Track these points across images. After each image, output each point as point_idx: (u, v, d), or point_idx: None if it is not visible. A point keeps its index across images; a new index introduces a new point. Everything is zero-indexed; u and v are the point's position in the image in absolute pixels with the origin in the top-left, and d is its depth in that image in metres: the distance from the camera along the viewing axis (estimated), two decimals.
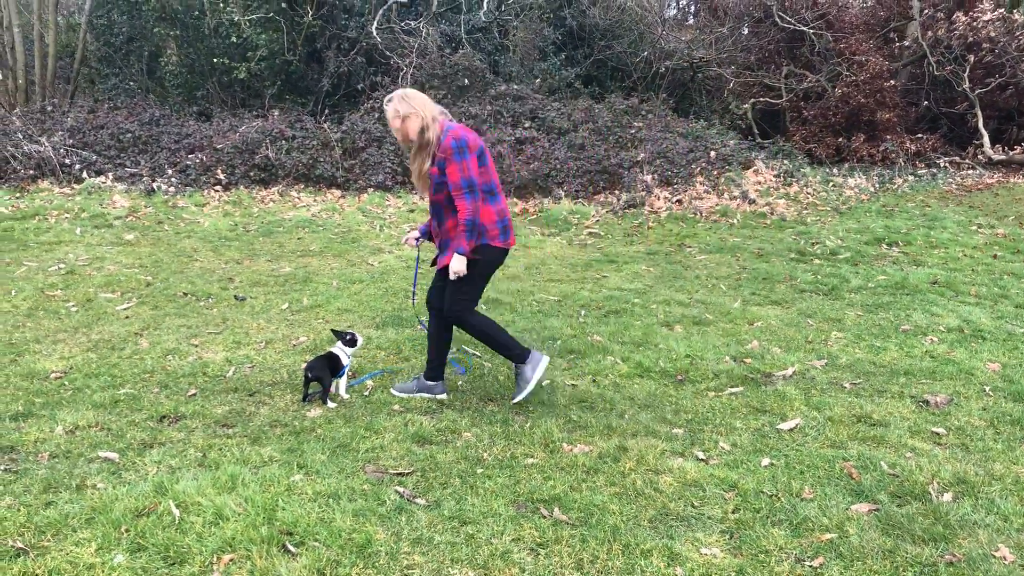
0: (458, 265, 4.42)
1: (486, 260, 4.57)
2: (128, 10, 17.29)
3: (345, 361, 4.83)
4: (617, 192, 12.83)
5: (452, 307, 4.64)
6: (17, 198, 11.62)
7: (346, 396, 4.84)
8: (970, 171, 16.00)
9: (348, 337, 4.92)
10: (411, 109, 4.39)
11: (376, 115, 14.39)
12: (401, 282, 7.95)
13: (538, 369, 4.66)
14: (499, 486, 3.65)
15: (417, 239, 4.92)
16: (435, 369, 4.89)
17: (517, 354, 4.68)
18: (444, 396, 4.86)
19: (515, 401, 4.69)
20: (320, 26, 15.92)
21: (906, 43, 17.69)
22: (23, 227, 10.21)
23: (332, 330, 5.14)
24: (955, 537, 3.26)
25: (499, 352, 4.74)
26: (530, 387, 4.65)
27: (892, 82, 16.86)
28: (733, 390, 5.01)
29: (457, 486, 3.66)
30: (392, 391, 4.90)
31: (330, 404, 4.67)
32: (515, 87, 15.60)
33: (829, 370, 5.40)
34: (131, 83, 18.01)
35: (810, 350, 5.85)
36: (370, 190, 12.96)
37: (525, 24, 18.69)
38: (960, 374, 5.30)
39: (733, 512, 3.46)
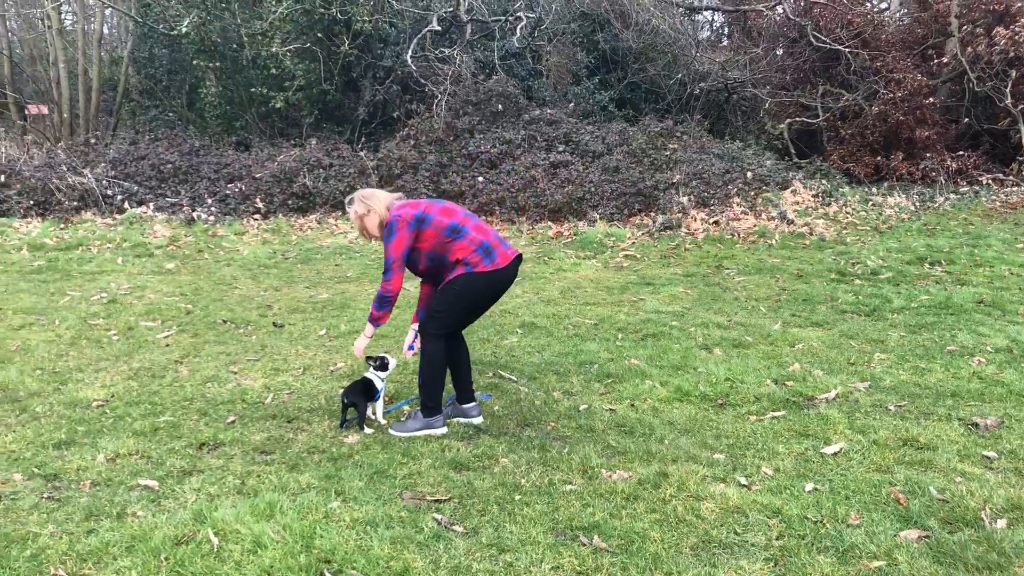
0: (359, 342, 4.72)
1: (478, 287, 4.59)
2: (168, 44, 17.70)
3: (379, 385, 4.83)
4: (653, 214, 12.78)
5: (428, 316, 4.68)
6: (61, 229, 11.87)
7: (383, 421, 4.83)
8: (1014, 188, 15.67)
9: (379, 362, 4.91)
10: (368, 208, 4.64)
11: (412, 143, 14.50)
12: None
13: (426, 430, 4.65)
14: (537, 513, 3.61)
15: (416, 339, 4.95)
16: (465, 392, 4.89)
17: (431, 407, 4.69)
18: (480, 420, 4.84)
19: (392, 430, 4.67)
20: (356, 55, 16.13)
21: (945, 60, 17.48)
22: (67, 257, 10.40)
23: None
24: (1011, 565, 3.15)
25: (420, 388, 4.73)
26: (408, 433, 4.63)
27: (931, 99, 16.65)
28: (775, 414, 4.92)
29: (495, 513, 3.62)
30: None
31: (367, 430, 4.67)
32: (549, 111, 15.66)
33: (873, 392, 5.29)
34: (171, 115, 18.39)
35: (853, 372, 5.74)
36: None
37: (558, 49, 18.82)
38: (1010, 396, 5.16)
39: (777, 539, 3.38)
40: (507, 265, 4.64)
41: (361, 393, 4.73)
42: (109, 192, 13.05)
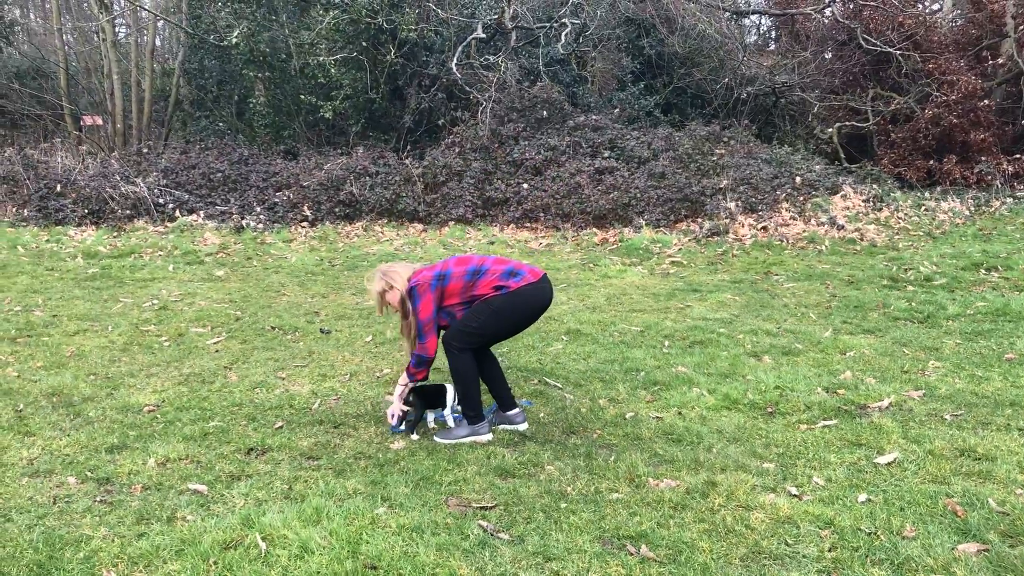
0: (396, 391, 4.76)
1: (516, 303, 4.58)
2: (219, 55, 18.00)
3: (450, 399, 4.85)
4: (699, 220, 12.66)
5: (455, 330, 4.65)
6: (115, 237, 12.11)
7: (451, 423, 4.83)
8: None
9: None
10: (388, 284, 4.69)
11: (456, 150, 14.56)
12: None
13: (472, 437, 4.64)
14: (584, 521, 3.58)
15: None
16: (505, 400, 4.88)
17: (472, 415, 4.68)
18: (525, 426, 4.82)
19: (438, 437, 4.67)
20: (402, 64, 16.26)
21: (1000, 61, 17.09)
22: (120, 265, 10.60)
23: None
24: None
25: (459, 401, 4.74)
26: (453, 440, 4.62)
27: (986, 101, 16.28)
28: (826, 423, 4.82)
29: (541, 521, 3.59)
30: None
31: (413, 436, 4.67)
32: (594, 117, 15.62)
33: (928, 401, 5.17)
34: (221, 124, 18.70)
35: (906, 380, 5.61)
36: (451, 223, 13.09)
37: (603, 55, 18.77)
38: None
39: (829, 551, 3.31)
40: (539, 280, 4.63)
41: (423, 398, 4.77)
42: (161, 201, 13.29)
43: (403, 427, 4.76)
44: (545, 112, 15.28)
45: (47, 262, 10.68)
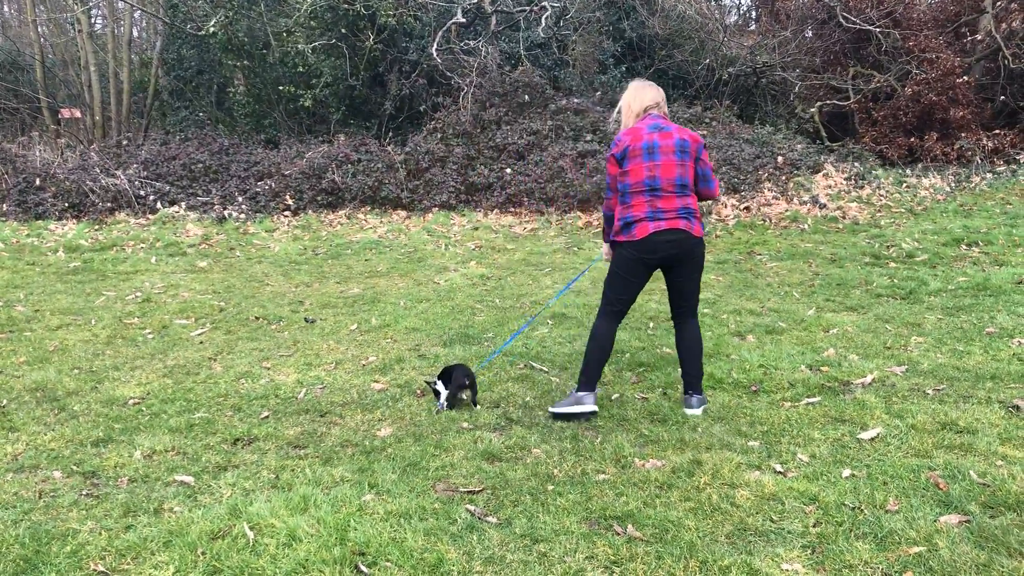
0: (604, 247, 4.94)
1: (618, 258, 4.66)
2: (196, 44, 17.83)
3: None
4: None
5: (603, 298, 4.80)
6: (96, 230, 12.02)
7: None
8: None
9: None
10: (625, 103, 4.68)
11: (438, 136, 14.50)
12: (467, 299, 7.96)
13: (577, 407, 4.63)
14: (571, 503, 3.59)
15: None
16: (689, 380, 4.81)
17: (584, 381, 4.67)
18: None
19: (551, 410, 4.72)
20: (381, 50, 16.15)
21: (979, 37, 17.15)
22: (102, 258, 10.53)
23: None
24: None
25: (583, 367, 4.73)
26: (564, 410, 4.65)
27: (965, 78, 16.34)
28: (810, 400, 4.86)
29: (528, 503, 3.61)
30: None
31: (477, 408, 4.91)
32: (576, 101, 15.58)
33: (910, 376, 5.21)
34: (201, 114, 18.54)
35: (889, 356, 5.66)
36: (434, 210, 13.06)
37: (584, 38, 18.69)
38: None
39: (814, 526, 3.34)
40: (643, 237, 4.48)
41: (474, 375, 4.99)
42: (142, 192, 13.20)
43: (447, 405, 4.91)
44: (527, 96, 15.23)
45: (28, 256, 10.60)
